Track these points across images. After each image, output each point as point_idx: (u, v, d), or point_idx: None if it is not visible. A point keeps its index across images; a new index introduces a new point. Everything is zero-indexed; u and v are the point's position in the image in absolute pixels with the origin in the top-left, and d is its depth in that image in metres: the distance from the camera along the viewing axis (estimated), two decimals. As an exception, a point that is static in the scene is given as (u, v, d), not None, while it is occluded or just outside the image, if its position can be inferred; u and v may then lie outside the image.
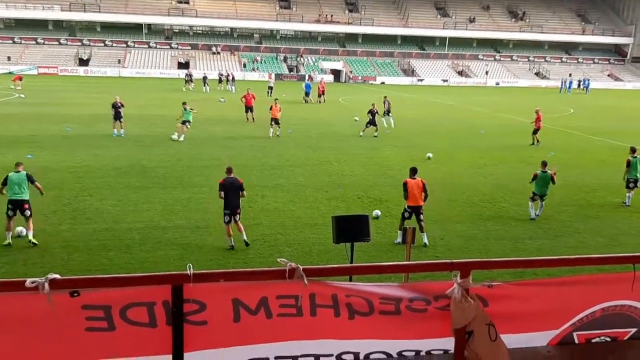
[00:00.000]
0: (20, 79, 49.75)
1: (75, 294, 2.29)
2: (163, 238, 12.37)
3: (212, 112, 34.03)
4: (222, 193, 11.86)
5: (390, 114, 30.84)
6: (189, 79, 55.04)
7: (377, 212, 14.63)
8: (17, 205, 11.65)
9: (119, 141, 23.73)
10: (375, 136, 27.34)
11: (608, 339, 3.15)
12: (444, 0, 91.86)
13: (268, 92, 48.31)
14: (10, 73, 67.15)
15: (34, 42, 75.74)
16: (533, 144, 26.43)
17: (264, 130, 28.22)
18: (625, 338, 3.18)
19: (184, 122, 25.35)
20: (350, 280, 2.82)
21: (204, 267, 10.61)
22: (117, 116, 25.11)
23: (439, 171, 19.95)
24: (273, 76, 66.35)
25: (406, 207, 12.57)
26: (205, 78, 53.77)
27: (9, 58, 71.10)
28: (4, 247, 11.41)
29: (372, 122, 27.46)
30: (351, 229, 8.18)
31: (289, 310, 2.51)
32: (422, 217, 12.53)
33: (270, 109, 27.01)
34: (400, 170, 20.01)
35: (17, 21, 77.91)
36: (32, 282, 2.20)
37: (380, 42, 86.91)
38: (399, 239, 12.28)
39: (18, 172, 11.85)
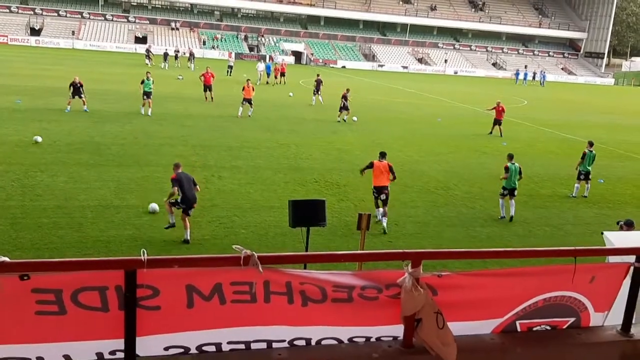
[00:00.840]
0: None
1: (25, 277, 2.25)
2: (116, 217, 12.15)
3: (170, 90, 33.37)
4: (177, 188, 11.10)
5: (319, 93, 32.75)
6: (147, 54, 53.52)
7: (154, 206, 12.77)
8: None
9: (72, 116, 23.03)
10: (344, 120, 27.25)
11: (548, 328, 3.31)
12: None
13: (227, 71, 47.67)
14: (-45, 40, 64.02)
15: (-18, 9, 72.25)
16: (491, 133, 26.92)
17: (223, 110, 27.92)
18: (565, 327, 3.35)
19: (144, 94, 24.99)
20: (305, 268, 2.87)
21: (158, 248, 10.51)
22: (77, 94, 23.91)
23: (396, 157, 20.18)
24: (233, 55, 65.42)
25: (373, 187, 13.11)
26: (166, 54, 52.58)
27: (-47, 24, 67.65)
28: None
29: (344, 107, 27.34)
30: (308, 213, 8.24)
31: (243, 297, 2.54)
32: (384, 197, 12.88)
33: (243, 89, 26.94)
34: (359, 155, 20.21)
35: (-37, -15, 74.07)
36: (-20, 265, 2.15)
37: (343, 25, 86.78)
38: (378, 217, 12.89)
39: None
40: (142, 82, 25.33)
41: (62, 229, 11.27)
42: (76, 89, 24.01)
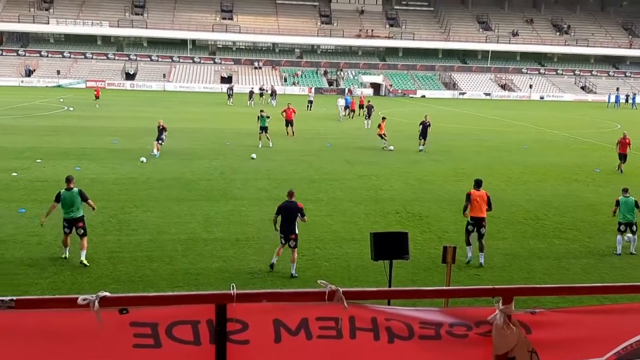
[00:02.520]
0: (98, 96, 50.05)
1: (124, 312, 2.37)
2: (204, 250, 12.57)
3: (253, 126, 34.50)
4: (278, 217, 11.41)
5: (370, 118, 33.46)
6: (230, 93, 55.60)
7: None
8: (71, 224, 11.47)
9: (163, 154, 24.27)
10: (421, 150, 27.11)
11: (654, 369, 3.05)
12: (486, 13, 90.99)
13: (308, 106, 48.68)
14: (59, 87, 69.81)
15: (83, 57, 78.53)
16: (619, 170, 23.24)
17: (304, 144, 28.47)
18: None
19: (261, 129, 27.28)
20: (389, 303, 2.83)
21: (243, 281, 10.73)
22: (159, 138, 24.75)
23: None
24: (313, 90, 66.86)
25: (468, 219, 12.47)
26: (251, 92, 54.74)
27: (58, 72, 73.89)
28: (52, 257, 11.77)
29: (422, 135, 27.30)
30: (390, 246, 8.15)
31: (329, 332, 2.53)
32: (483, 231, 12.32)
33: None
34: (441, 185, 19.87)
35: (66, 36, 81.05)
36: (84, 300, 2.29)
37: (421, 55, 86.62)
38: (469, 256, 12.40)
39: (70, 189, 11.57)
40: (258, 118, 27.78)
41: (155, 262, 11.79)
42: (159, 132, 24.64)
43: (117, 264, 11.59)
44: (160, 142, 24.49)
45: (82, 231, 11.52)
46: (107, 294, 2.31)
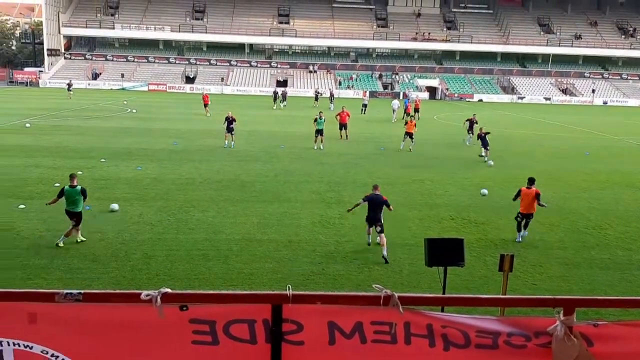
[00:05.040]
0: (206, 104, 43.36)
1: (184, 308, 2.44)
2: (258, 251, 12.74)
3: (307, 129, 34.75)
4: (365, 202, 12.78)
5: (472, 132, 30.33)
6: (282, 98, 55.58)
7: (484, 190, 18.74)
8: (70, 216, 12.55)
9: (220, 156, 24.80)
10: (482, 156, 26.35)
11: None
12: (548, 16, 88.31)
13: (362, 109, 48.61)
14: (123, 89, 72.50)
15: (146, 61, 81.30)
16: None
17: (357, 147, 28.44)
18: None
19: (317, 132, 27.55)
20: (442, 310, 2.80)
21: (296, 282, 10.81)
22: (229, 129, 26.91)
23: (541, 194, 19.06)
24: (367, 94, 66.72)
25: (519, 212, 13.86)
26: (275, 94, 55.14)
27: (122, 75, 76.80)
28: (113, 254, 12.20)
29: (483, 144, 26.32)
30: (445, 252, 8.03)
31: (383, 337, 2.52)
32: (529, 222, 13.95)
33: (406, 123, 28.72)
34: (498, 192, 19.41)
35: (130, 41, 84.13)
36: (147, 295, 2.37)
37: (479, 59, 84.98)
38: (519, 238, 13.82)
39: (73, 186, 12.46)
40: (315, 120, 28.02)
41: (211, 260, 12.05)
42: (229, 123, 26.84)
43: (175, 261, 11.91)
44: (231, 133, 26.85)
45: (75, 223, 12.62)
46: (169, 290, 2.38)
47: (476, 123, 29.47)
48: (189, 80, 78.43)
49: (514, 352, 2.60)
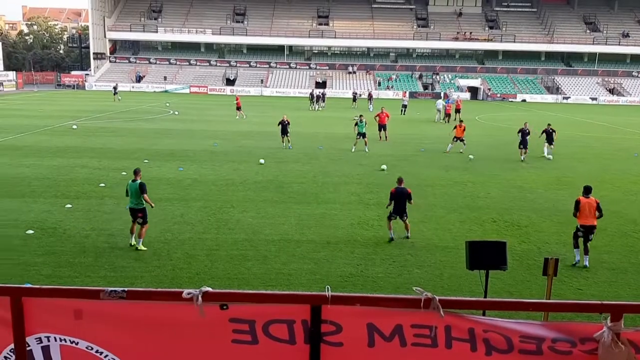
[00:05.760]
0: (239, 107, 43.30)
1: (224, 307, 2.47)
2: (296, 251, 12.79)
3: (346, 130, 34.72)
4: (392, 202, 13.59)
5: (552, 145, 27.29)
6: (320, 99, 55.51)
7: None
8: (133, 213, 12.53)
9: (259, 157, 24.96)
10: (523, 160, 25.77)
11: None
12: (594, 14, 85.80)
13: (402, 110, 48.29)
14: (165, 92, 73.99)
15: (187, 64, 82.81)
16: None
17: (396, 148, 28.25)
18: None
19: (359, 134, 27.57)
20: (484, 314, 2.74)
21: (334, 283, 10.80)
22: (284, 132, 27.41)
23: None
24: (407, 94, 66.20)
25: (578, 226, 12.34)
26: (311, 95, 55.31)
27: (165, 78, 78.43)
28: (155, 252, 12.45)
29: (523, 143, 25.87)
30: (487, 255, 7.88)
31: (424, 341, 2.49)
32: (591, 237, 12.29)
33: (455, 128, 28.05)
34: (542, 194, 18.97)
35: (173, 44, 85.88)
36: (188, 294, 2.41)
37: (523, 58, 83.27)
38: (580, 259, 12.34)
39: (135, 181, 12.47)
40: (356, 124, 27.97)
41: (250, 260, 12.16)
42: (284, 127, 27.09)
43: (215, 261, 12.07)
44: (286, 135, 27.26)
45: (142, 220, 12.48)
46: (209, 289, 2.41)
47: (553, 132, 26.63)
48: (230, 82, 79.49)
49: (558, 358, 2.53)
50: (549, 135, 26.32)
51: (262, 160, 23.60)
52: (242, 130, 34.43)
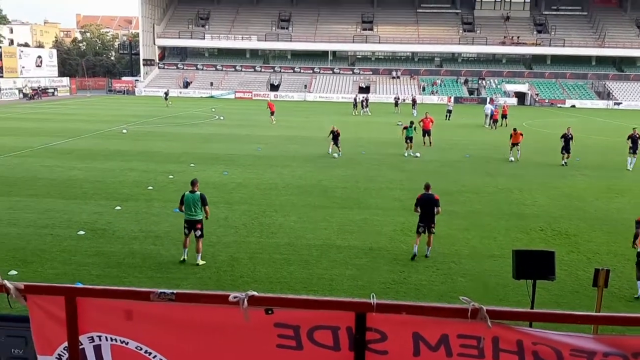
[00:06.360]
0: (272, 112, 43.28)
1: (269, 312, 2.49)
2: (338, 257, 12.79)
3: (388, 135, 34.56)
4: (418, 208, 12.78)
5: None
6: (364, 104, 55.17)
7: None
8: (191, 225, 11.96)
9: (302, 162, 25.16)
10: (565, 164, 25.39)
11: None
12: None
13: (446, 115, 47.72)
14: (211, 97, 75.33)
15: (233, 69, 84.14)
16: None
17: (441, 154, 27.93)
18: None
19: (407, 139, 27.72)
20: (531, 326, 2.67)
21: (376, 290, 10.74)
22: (335, 141, 27.03)
23: (638, 207, 17.88)
24: (452, 99, 65.36)
25: (638, 250, 10.92)
26: (355, 100, 55.08)
27: (211, 83, 79.90)
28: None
29: (565, 148, 25.54)
30: (534, 265, 7.68)
31: (470, 352, 2.45)
32: None
33: (511, 137, 27.13)
34: (592, 203, 18.40)
35: (219, 50, 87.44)
36: (234, 297, 2.43)
37: (572, 63, 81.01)
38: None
39: (193, 192, 11.98)
40: (405, 128, 28.17)
41: (292, 265, 12.23)
42: (335, 137, 26.88)
43: (258, 264, 12.19)
44: (337, 145, 26.93)
45: (200, 232, 12.00)
46: (255, 293, 2.43)
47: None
48: (274, 87, 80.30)
49: (612, 375, 2.44)
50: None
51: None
52: (285, 135, 34.72)
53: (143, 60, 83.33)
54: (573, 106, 71.80)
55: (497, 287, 11.22)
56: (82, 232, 14.01)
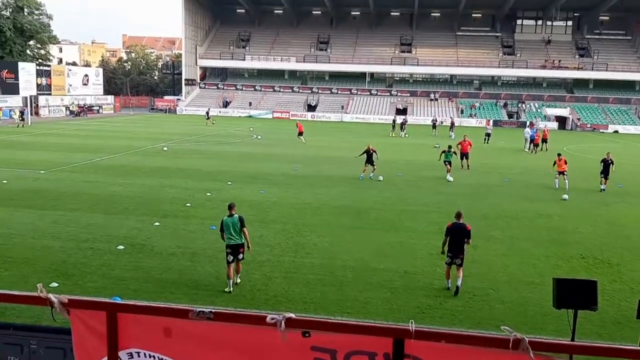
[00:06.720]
0: (301, 133, 43.98)
1: (306, 335, 2.48)
2: (373, 279, 12.67)
3: (425, 157, 34.32)
4: (447, 238, 12.03)
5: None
6: (403, 125, 55.10)
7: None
8: (234, 249, 11.67)
9: (337, 182, 25.16)
10: (603, 189, 24.74)
11: None
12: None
13: (485, 139, 47.15)
14: (249, 117, 76.36)
15: (272, 90, 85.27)
16: None
17: (479, 178, 27.55)
18: None
19: (445, 162, 27.38)
20: (571, 358, 2.58)
21: (411, 315, 10.59)
22: (369, 160, 26.27)
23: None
24: (491, 122, 64.53)
25: None
26: (394, 122, 55.75)
27: (250, 103, 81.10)
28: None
29: (604, 172, 24.99)
30: (576, 294, 7.45)
31: (511, 383, 2.39)
32: None
33: (555, 163, 25.87)
34: (636, 231, 17.81)
35: (259, 71, 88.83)
36: (272, 319, 2.44)
37: (615, 87, 79.21)
38: None
39: (231, 215, 11.75)
40: (443, 152, 27.88)
41: (326, 286, 12.18)
42: (369, 156, 26.30)
43: (291, 284, 12.18)
44: (372, 164, 26.21)
45: (242, 257, 11.84)
46: (293, 315, 2.43)
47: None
48: (311, 108, 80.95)
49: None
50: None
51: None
52: (322, 155, 34.86)
53: (185, 80, 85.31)
54: (616, 132, 70.01)
55: (535, 315, 10.92)
56: (121, 247, 14.30)
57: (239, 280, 12.03)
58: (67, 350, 2.93)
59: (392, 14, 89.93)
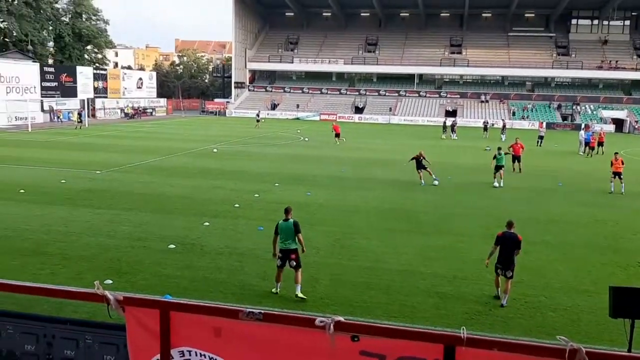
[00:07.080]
0: (338, 134, 44.26)
1: (355, 339, 2.47)
2: (421, 284, 12.52)
3: (475, 160, 33.69)
4: (497, 247, 11.58)
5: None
6: (454, 127, 54.11)
7: None
8: (285, 255, 11.36)
9: (384, 184, 25.01)
10: None
11: None
12: None
13: (538, 141, 45.94)
14: (297, 119, 76.89)
15: (319, 92, 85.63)
16: None
17: (531, 181, 26.83)
18: None
19: (497, 167, 25.81)
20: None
21: (460, 319, 10.40)
22: (420, 167, 25.73)
23: None
24: (544, 125, 62.85)
25: None
26: (444, 125, 54.23)
27: (297, 106, 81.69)
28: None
29: None
30: (633, 303, 7.16)
31: (567, 395, 2.31)
32: None
33: (612, 164, 25.13)
34: (700, 240, 16.93)
35: (307, 74, 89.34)
36: (321, 322, 2.44)
37: (679, 88, 75.72)
38: None
39: (287, 220, 11.48)
40: (494, 157, 26.21)
41: (372, 289, 12.10)
42: (419, 162, 25.53)
43: (338, 287, 12.17)
44: (426, 169, 25.49)
45: (295, 263, 11.37)
46: (342, 319, 2.43)
47: None
48: (358, 110, 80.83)
49: None
50: None
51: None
52: (370, 158, 34.74)
53: (235, 83, 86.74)
54: (679, 134, 66.94)
55: (589, 324, 10.55)
56: (172, 246, 14.64)
57: (301, 294, 11.32)
58: (120, 347, 3.02)
59: (441, 14, 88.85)
